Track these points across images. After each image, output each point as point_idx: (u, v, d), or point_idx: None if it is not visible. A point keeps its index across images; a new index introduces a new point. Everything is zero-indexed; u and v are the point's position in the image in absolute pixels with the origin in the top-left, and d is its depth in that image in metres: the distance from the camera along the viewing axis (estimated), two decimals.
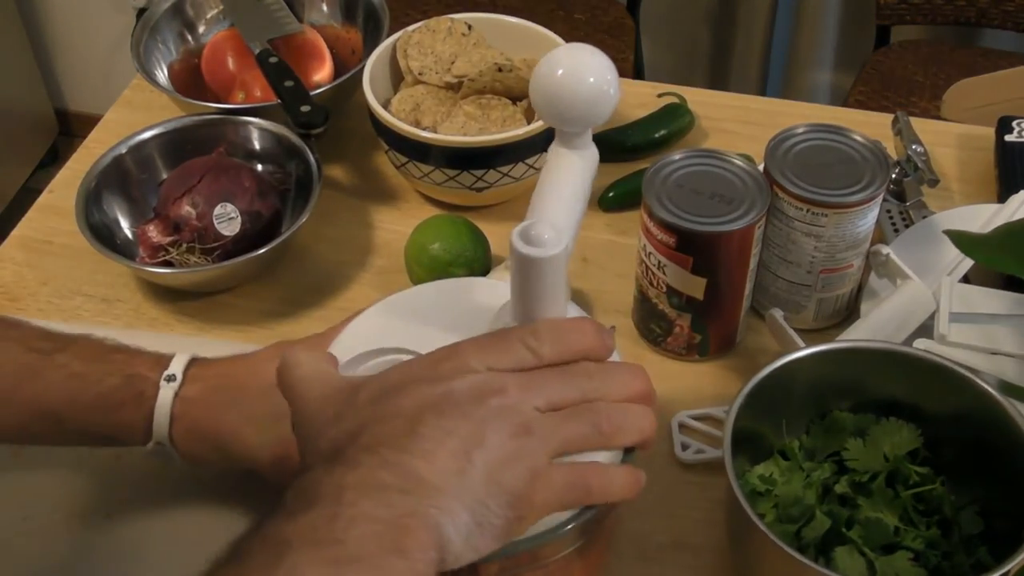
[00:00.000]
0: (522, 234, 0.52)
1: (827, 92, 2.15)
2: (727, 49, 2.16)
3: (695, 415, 0.76)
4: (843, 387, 0.68)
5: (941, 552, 0.63)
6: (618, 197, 0.93)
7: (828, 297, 0.80)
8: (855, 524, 0.64)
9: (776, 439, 0.69)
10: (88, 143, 1.01)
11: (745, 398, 0.64)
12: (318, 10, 1.08)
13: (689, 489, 0.73)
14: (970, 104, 1.07)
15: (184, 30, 1.05)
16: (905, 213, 0.89)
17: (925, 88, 1.68)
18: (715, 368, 0.81)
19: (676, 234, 0.73)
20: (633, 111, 1.01)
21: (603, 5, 1.86)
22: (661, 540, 0.70)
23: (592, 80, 0.57)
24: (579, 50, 0.58)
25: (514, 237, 0.52)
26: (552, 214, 0.57)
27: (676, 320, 0.79)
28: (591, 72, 0.57)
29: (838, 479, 0.66)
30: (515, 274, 0.54)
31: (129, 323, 0.86)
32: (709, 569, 0.69)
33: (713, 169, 0.76)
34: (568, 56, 0.58)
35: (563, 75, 0.57)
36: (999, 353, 0.74)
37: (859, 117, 1.03)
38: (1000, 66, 1.19)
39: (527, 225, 0.52)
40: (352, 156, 1.00)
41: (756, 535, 0.58)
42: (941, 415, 0.66)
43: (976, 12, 1.76)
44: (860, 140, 0.78)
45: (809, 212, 0.75)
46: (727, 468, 0.60)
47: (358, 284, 0.89)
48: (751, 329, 0.82)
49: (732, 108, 1.03)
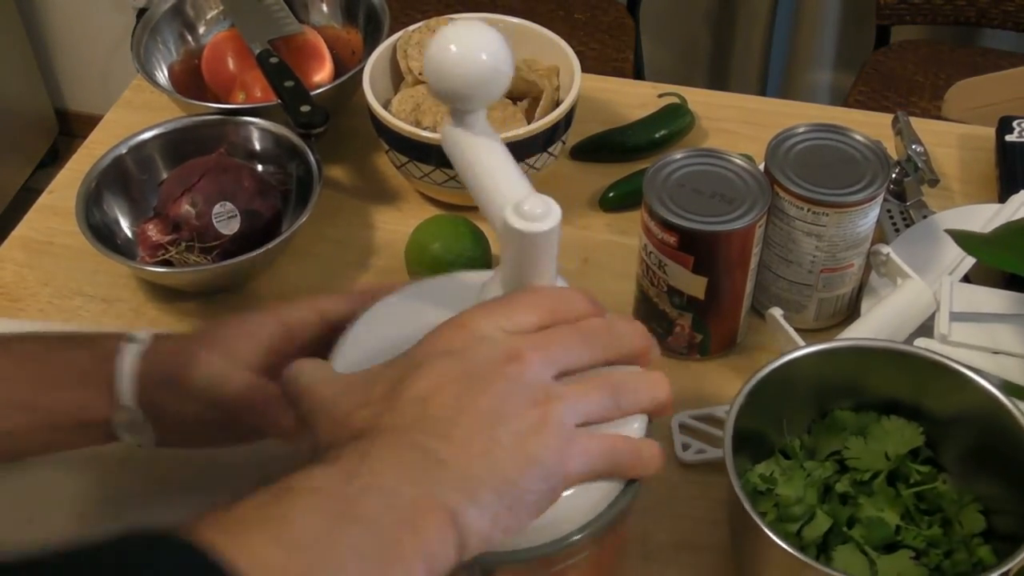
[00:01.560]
0: (516, 211, 0.51)
1: (827, 92, 2.15)
2: (727, 49, 2.16)
3: (696, 415, 0.76)
4: (844, 386, 0.68)
5: (942, 551, 0.63)
6: (618, 197, 0.93)
7: (829, 297, 0.80)
8: (856, 523, 0.64)
9: (777, 438, 0.69)
10: (88, 143, 1.01)
11: (746, 397, 0.64)
12: (318, 10, 1.08)
13: (690, 489, 0.73)
14: (971, 104, 1.07)
15: (184, 30, 1.05)
16: (906, 213, 0.89)
17: (925, 88, 1.68)
18: (716, 368, 0.81)
19: (677, 233, 0.73)
20: (633, 111, 1.01)
21: (603, 5, 1.86)
22: (662, 540, 0.70)
23: (485, 57, 0.54)
24: (471, 26, 0.55)
25: (508, 215, 0.51)
26: (524, 188, 0.55)
27: (677, 320, 0.79)
28: (484, 48, 0.55)
29: (839, 478, 0.66)
30: (509, 253, 0.53)
31: (129, 323, 0.85)
32: (710, 568, 0.69)
33: (714, 169, 0.76)
34: (459, 33, 0.55)
35: (456, 52, 0.54)
36: (1000, 352, 0.74)
37: (859, 117, 1.03)
38: (1000, 66, 1.20)
39: (518, 203, 0.52)
40: (352, 156, 1.00)
41: (757, 534, 0.58)
42: (942, 414, 0.66)
43: (976, 12, 1.76)
44: (861, 140, 0.78)
45: (810, 211, 0.75)
46: (728, 467, 0.60)
47: (358, 284, 0.89)
48: (752, 329, 0.82)
49: (732, 108, 1.03)
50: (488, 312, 0.51)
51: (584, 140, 0.98)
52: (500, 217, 0.53)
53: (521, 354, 0.49)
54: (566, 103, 0.89)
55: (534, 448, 0.47)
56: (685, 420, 0.76)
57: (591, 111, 1.00)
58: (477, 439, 0.46)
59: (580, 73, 0.92)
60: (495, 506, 0.46)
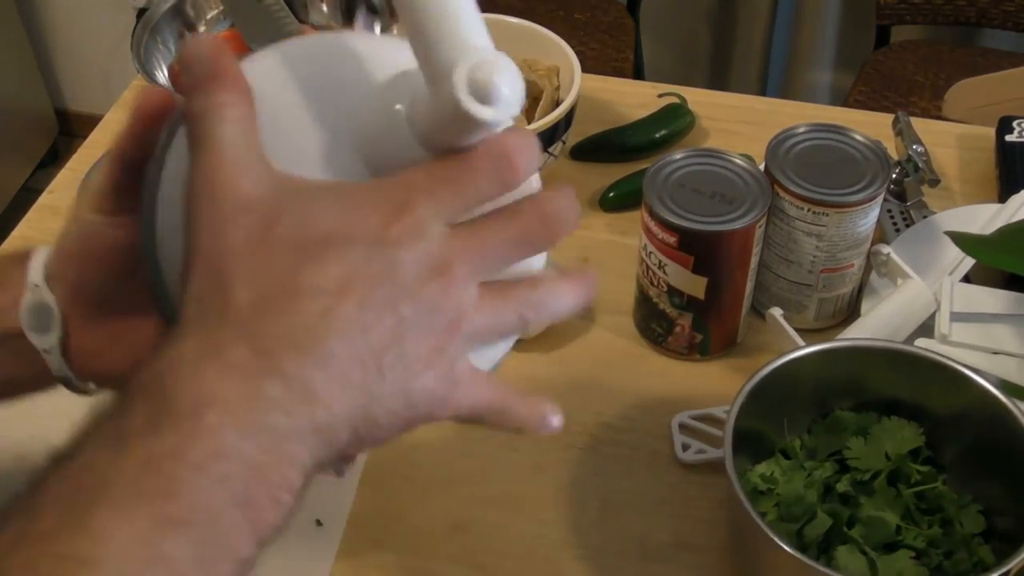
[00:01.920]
0: (471, 83, 0.37)
1: (827, 92, 2.15)
2: (727, 49, 2.16)
3: (696, 415, 0.76)
4: (844, 386, 0.68)
5: (943, 551, 0.63)
6: (619, 197, 0.93)
7: (829, 297, 0.80)
8: (857, 523, 0.64)
9: (777, 438, 0.69)
10: (88, 143, 1.01)
11: (746, 397, 0.64)
12: (318, 10, 1.08)
13: (690, 489, 0.73)
14: (971, 104, 1.07)
15: (184, 30, 1.05)
16: (906, 213, 0.89)
17: (925, 88, 1.68)
18: (716, 368, 0.81)
19: (677, 233, 0.73)
20: (633, 111, 1.01)
21: (603, 5, 1.86)
22: (663, 540, 0.70)
23: None
24: None
25: (459, 88, 0.37)
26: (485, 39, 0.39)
27: (677, 320, 0.79)
28: None
29: (839, 478, 0.66)
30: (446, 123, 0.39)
31: None
32: (711, 569, 0.69)
33: (714, 168, 0.76)
34: None
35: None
36: (1000, 352, 0.74)
37: (859, 117, 1.03)
38: (1000, 66, 1.19)
39: (473, 67, 0.37)
40: None
41: (757, 534, 0.58)
42: (942, 414, 0.67)
43: (976, 12, 1.76)
44: (861, 140, 0.78)
45: (810, 211, 0.75)
46: (728, 468, 0.60)
47: None
48: (752, 329, 0.82)
49: (732, 108, 1.04)
50: (437, 189, 0.40)
51: (584, 140, 0.98)
52: (445, 81, 0.38)
53: (450, 267, 0.39)
54: (566, 103, 0.89)
55: (418, 388, 0.39)
56: (685, 420, 0.76)
57: (591, 111, 1.00)
58: (359, 368, 0.38)
59: (580, 73, 0.92)
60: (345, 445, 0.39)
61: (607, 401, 0.78)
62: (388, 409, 0.39)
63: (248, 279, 0.38)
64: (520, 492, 0.73)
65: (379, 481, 0.73)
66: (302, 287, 0.38)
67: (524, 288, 0.43)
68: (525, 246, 0.42)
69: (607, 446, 0.76)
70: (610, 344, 0.82)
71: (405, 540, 0.70)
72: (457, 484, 0.74)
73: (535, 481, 0.74)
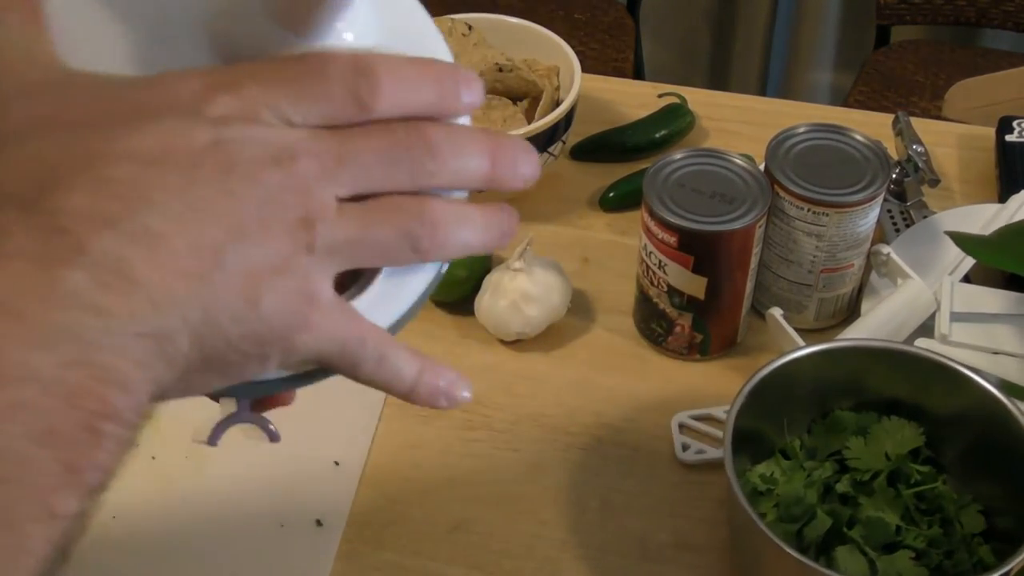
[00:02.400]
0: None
1: (827, 92, 2.15)
2: (727, 49, 2.16)
3: (696, 415, 0.76)
4: (844, 386, 0.68)
5: (943, 551, 0.63)
6: (619, 197, 0.93)
7: (829, 297, 0.80)
8: (856, 523, 0.64)
9: (777, 438, 0.69)
10: None
11: (746, 397, 0.64)
12: None
13: (690, 489, 0.73)
14: (971, 104, 1.07)
15: None
16: (906, 213, 0.89)
17: (925, 88, 1.68)
18: (716, 368, 0.81)
19: (677, 233, 0.73)
20: (633, 111, 1.01)
21: (603, 5, 1.86)
22: (662, 540, 0.70)
23: None
24: None
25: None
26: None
27: (677, 320, 0.79)
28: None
29: (839, 478, 0.66)
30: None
31: None
32: (710, 569, 0.69)
33: (714, 168, 0.76)
34: None
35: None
36: (1000, 352, 0.74)
37: (859, 117, 1.03)
38: (1000, 66, 1.19)
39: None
40: None
41: (757, 535, 0.58)
42: (943, 414, 0.66)
43: (976, 12, 1.76)
44: (861, 140, 0.78)
45: (810, 211, 0.75)
46: (727, 468, 0.60)
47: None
48: (752, 329, 0.82)
49: (732, 108, 1.04)
50: (276, 85, 0.34)
51: (584, 140, 0.98)
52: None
53: (294, 159, 0.33)
54: (566, 103, 0.89)
55: (265, 298, 0.32)
56: (685, 420, 0.76)
57: (591, 111, 1.00)
58: (195, 255, 0.31)
59: (580, 73, 0.92)
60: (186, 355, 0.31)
61: (607, 401, 0.78)
62: (233, 314, 0.32)
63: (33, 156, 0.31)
64: (520, 492, 0.73)
65: (379, 481, 0.73)
66: (108, 153, 0.31)
67: (413, 203, 0.35)
68: (397, 165, 0.35)
69: (607, 446, 0.76)
70: (610, 344, 0.82)
71: (405, 540, 0.70)
72: (457, 484, 0.74)
73: (535, 481, 0.74)
